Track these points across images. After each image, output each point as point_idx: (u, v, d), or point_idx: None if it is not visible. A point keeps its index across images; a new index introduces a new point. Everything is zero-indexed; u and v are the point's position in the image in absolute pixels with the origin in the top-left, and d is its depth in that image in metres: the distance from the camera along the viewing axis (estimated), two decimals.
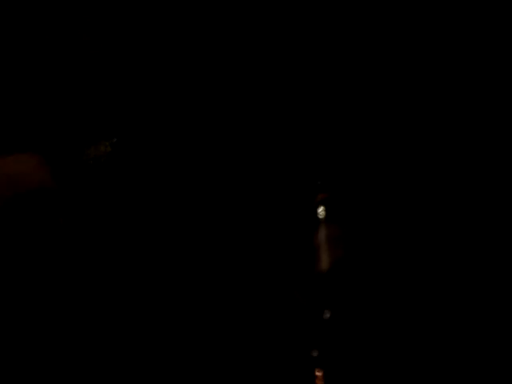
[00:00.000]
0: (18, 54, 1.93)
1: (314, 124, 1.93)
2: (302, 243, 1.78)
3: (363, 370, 1.59)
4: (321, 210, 1.78)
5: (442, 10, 1.89)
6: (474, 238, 1.77)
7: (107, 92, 1.97)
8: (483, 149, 1.87)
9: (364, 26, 1.92)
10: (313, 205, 1.80)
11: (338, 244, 1.73)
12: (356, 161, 1.90)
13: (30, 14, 1.94)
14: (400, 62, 1.92)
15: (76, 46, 1.95)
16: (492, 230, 1.78)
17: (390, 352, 1.62)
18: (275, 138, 1.93)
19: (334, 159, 1.91)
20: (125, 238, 1.79)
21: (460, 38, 1.89)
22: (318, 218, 1.77)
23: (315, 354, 1.61)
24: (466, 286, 1.71)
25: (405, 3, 1.89)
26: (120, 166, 1.90)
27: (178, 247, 1.80)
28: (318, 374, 1.57)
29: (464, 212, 1.81)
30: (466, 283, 1.72)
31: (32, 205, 1.58)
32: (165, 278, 1.76)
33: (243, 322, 1.72)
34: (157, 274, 1.76)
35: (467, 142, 1.88)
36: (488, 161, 1.85)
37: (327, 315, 1.64)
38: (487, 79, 1.88)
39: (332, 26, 1.93)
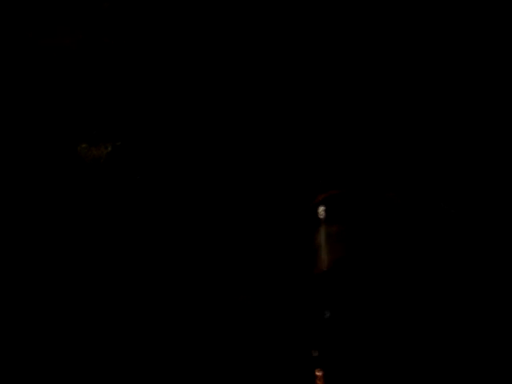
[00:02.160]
0: (19, 56, 1.94)
1: (314, 125, 1.93)
2: (302, 243, 1.78)
3: (363, 370, 1.58)
4: (321, 210, 1.78)
5: (441, 10, 1.89)
6: (473, 238, 1.77)
7: (109, 94, 1.97)
8: (483, 150, 1.86)
9: (365, 26, 1.92)
10: (313, 205, 1.80)
11: (338, 244, 1.73)
12: (356, 161, 1.90)
13: (32, 14, 1.95)
14: (401, 63, 1.92)
15: (79, 48, 1.95)
16: (491, 232, 1.77)
17: (389, 351, 1.62)
18: (276, 139, 1.93)
19: (334, 159, 1.90)
20: (125, 239, 1.79)
21: (460, 38, 1.89)
22: (318, 218, 1.77)
23: (315, 353, 1.61)
24: (465, 286, 1.71)
25: (405, 3, 1.89)
26: (121, 167, 1.90)
27: (178, 247, 1.80)
28: (318, 374, 1.56)
29: (464, 212, 1.80)
30: (465, 283, 1.71)
31: None
32: (165, 279, 1.75)
33: (243, 321, 1.71)
34: (156, 274, 1.76)
35: (467, 142, 1.88)
36: (488, 162, 1.85)
37: (327, 315, 1.64)
38: (487, 79, 1.88)
39: (333, 27, 1.93)
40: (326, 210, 1.77)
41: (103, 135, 1.93)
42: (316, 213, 1.77)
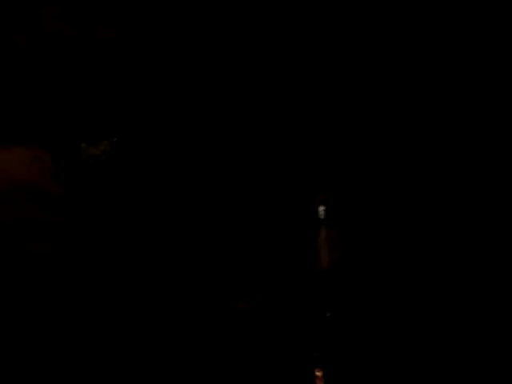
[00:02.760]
0: (21, 53, 1.92)
1: (314, 127, 1.93)
2: (303, 243, 1.78)
3: (362, 369, 1.59)
4: (321, 210, 1.78)
5: (442, 10, 1.89)
6: (468, 237, 1.77)
7: (108, 92, 1.96)
8: (482, 152, 1.86)
9: (364, 26, 1.92)
10: (313, 205, 1.80)
11: (338, 243, 1.73)
12: (355, 162, 1.90)
13: (28, 12, 1.93)
14: (399, 63, 1.92)
15: (78, 47, 1.94)
16: (488, 231, 1.77)
17: (388, 350, 1.62)
18: (276, 140, 1.92)
19: (334, 161, 1.90)
20: (124, 237, 1.79)
21: (460, 38, 1.89)
22: (318, 218, 1.77)
23: (315, 353, 1.62)
24: (461, 285, 1.71)
25: (405, 3, 1.89)
26: (119, 165, 1.89)
27: (178, 246, 1.79)
28: (318, 374, 1.57)
29: (460, 213, 1.81)
30: (461, 282, 1.72)
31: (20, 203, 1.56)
32: (165, 277, 1.75)
33: (244, 321, 1.71)
34: (157, 273, 1.76)
35: (467, 143, 1.88)
36: (487, 164, 1.85)
37: (327, 314, 1.64)
38: (487, 79, 1.88)
39: (332, 27, 1.93)
40: (325, 211, 1.77)
41: (101, 134, 1.92)
42: (317, 213, 1.77)
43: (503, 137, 1.81)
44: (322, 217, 1.77)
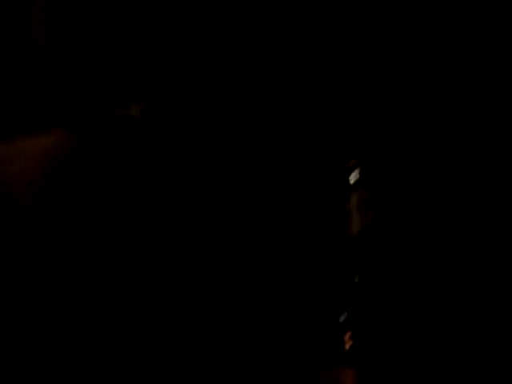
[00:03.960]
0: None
1: (341, 92, 1.90)
2: (334, 207, 1.76)
3: (391, 335, 1.57)
4: (353, 175, 1.76)
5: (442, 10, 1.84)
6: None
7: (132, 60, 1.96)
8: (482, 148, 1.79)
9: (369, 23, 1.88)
10: (345, 169, 1.78)
11: (370, 208, 1.71)
12: (388, 127, 1.86)
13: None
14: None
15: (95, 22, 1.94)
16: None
17: (420, 317, 1.60)
18: (307, 102, 1.90)
19: (365, 125, 1.87)
20: (131, 230, 1.75)
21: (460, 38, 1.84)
22: (349, 183, 1.76)
23: (344, 318, 1.60)
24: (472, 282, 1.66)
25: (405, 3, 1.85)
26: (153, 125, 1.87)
27: (190, 226, 1.75)
28: (347, 336, 1.56)
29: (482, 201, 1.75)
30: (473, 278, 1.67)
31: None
32: (175, 262, 1.71)
33: (270, 288, 1.70)
34: (168, 264, 1.72)
35: (468, 142, 1.82)
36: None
37: (357, 280, 1.63)
38: (487, 79, 1.82)
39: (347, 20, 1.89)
40: (358, 175, 1.75)
41: (133, 97, 1.92)
42: (348, 177, 1.75)
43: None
44: (354, 181, 1.74)
